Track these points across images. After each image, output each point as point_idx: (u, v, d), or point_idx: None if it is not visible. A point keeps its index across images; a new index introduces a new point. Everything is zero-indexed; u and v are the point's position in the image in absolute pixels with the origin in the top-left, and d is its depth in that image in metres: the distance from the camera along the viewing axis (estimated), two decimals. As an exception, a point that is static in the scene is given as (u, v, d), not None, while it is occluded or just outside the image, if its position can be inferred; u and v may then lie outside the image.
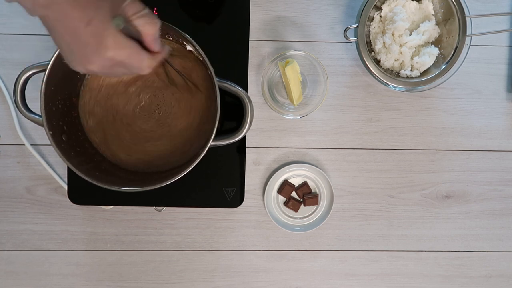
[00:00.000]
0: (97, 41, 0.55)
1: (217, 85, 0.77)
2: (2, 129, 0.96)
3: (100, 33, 0.55)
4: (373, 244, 0.99)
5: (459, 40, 0.89)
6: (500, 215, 0.99)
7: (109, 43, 0.56)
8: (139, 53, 0.59)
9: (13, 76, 0.80)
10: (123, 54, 0.57)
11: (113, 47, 0.56)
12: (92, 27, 0.54)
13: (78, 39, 0.55)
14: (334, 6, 0.96)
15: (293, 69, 0.89)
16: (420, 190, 0.98)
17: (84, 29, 0.54)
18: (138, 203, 0.95)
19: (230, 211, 0.97)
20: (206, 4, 0.93)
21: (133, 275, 0.98)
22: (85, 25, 0.54)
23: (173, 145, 0.87)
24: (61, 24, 0.55)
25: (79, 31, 0.54)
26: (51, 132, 0.77)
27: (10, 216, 0.96)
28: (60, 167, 0.96)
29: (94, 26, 0.55)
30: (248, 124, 0.80)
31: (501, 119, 0.98)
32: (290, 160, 0.97)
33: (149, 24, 0.59)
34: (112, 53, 0.56)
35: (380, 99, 0.97)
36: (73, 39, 0.55)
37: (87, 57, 0.56)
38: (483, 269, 1.00)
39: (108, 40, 0.55)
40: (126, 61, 0.58)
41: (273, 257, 0.98)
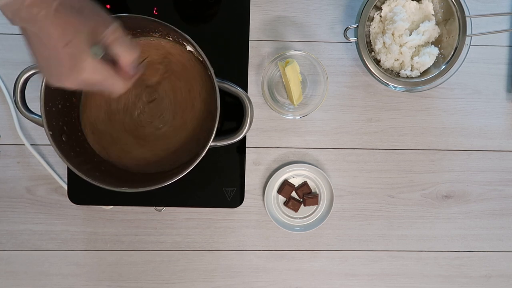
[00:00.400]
0: (73, 63, 0.56)
1: (217, 85, 0.77)
2: (2, 129, 0.96)
3: (77, 56, 0.56)
4: (373, 244, 0.99)
5: (459, 40, 0.89)
6: (500, 215, 0.99)
7: (84, 67, 0.56)
8: (112, 79, 0.60)
9: (13, 76, 0.80)
10: (96, 78, 0.58)
11: (87, 71, 0.57)
12: (70, 48, 0.55)
13: (55, 57, 0.55)
14: (334, 6, 0.96)
15: (293, 69, 0.89)
16: (420, 190, 0.98)
17: (62, 49, 0.55)
18: (138, 203, 0.95)
19: (230, 211, 0.97)
20: (206, 4, 0.93)
21: (133, 275, 0.98)
22: (63, 45, 0.54)
23: (173, 145, 0.87)
24: (39, 39, 0.55)
25: (56, 49, 0.55)
26: (51, 132, 0.77)
27: (10, 216, 0.96)
28: (60, 167, 0.96)
29: (72, 48, 0.55)
30: (248, 124, 0.80)
31: (501, 119, 0.98)
32: (290, 160, 0.97)
33: (128, 52, 0.60)
34: (86, 76, 0.57)
35: (380, 99, 0.97)
36: (50, 55, 0.56)
37: (62, 75, 0.57)
38: (483, 269, 1.00)
39: (84, 64, 0.56)
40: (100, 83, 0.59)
41: (273, 257, 0.98)
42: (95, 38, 0.57)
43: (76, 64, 0.56)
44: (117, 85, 0.61)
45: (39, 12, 0.52)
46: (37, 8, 0.52)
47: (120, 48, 0.59)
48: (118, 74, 0.61)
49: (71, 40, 0.55)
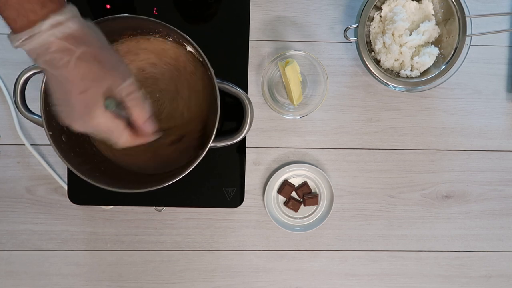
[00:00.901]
0: (85, 111, 0.57)
1: (217, 86, 0.77)
2: (2, 129, 0.96)
3: (91, 105, 0.57)
4: (373, 244, 0.99)
5: (459, 40, 0.88)
6: (500, 215, 0.99)
7: (95, 116, 0.58)
8: (120, 131, 0.61)
9: (13, 76, 0.80)
10: (105, 128, 0.60)
11: (97, 121, 0.58)
12: (85, 96, 0.57)
13: (69, 101, 0.57)
14: (334, 6, 0.96)
15: (293, 69, 0.89)
16: (420, 190, 0.98)
17: (77, 95, 0.56)
18: (138, 203, 0.95)
19: (230, 211, 0.97)
20: (206, 4, 0.93)
21: (133, 275, 0.98)
22: (79, 93, 0.56)
23: (173, 146, 0.87)
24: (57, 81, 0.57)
25: (72, 94, 0.57)
26: (51, 132, 0.77)
27: (10, 216, 0.97)
28: (60, 167, 0.96)
29: (87, 96, 0.57)
30: (248, 125, 0.80)
31: (501, 119, 0.98)
32: (290, 160, 0.97)
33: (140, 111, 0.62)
34: (94, 124, 0.59)
35: (380, 99, 0.97)
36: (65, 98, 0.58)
37: (73, 118, 0.59)
38: (483, 269, 1.00)
39: (96, 113, 0.58)
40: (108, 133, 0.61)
41: (273, 257, 0.98)
42: (111, 92, 0.58)
43: (88, 113, 0.57)
44: (122, 139, 0.62)
45: (62, 58, 0.54)
46: (60, 55, 0.54)
47: (133, 103, 0.61)
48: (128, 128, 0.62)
49: (87, 90, 0.56)
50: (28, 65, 0.79)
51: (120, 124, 0.61)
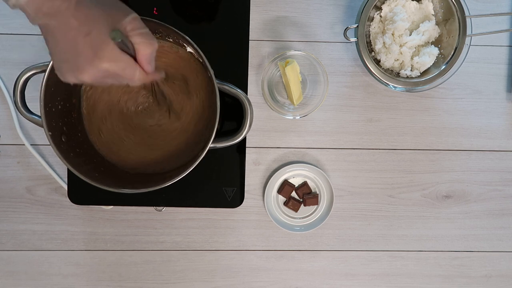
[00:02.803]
0: (93, 52, 0.57)
1: (217, 87, 0.77)
2: (2, 129, 0.96)
3: (97, 45, 0.56)
4: (373, 244, 0.99)
5: (459, 40, 0.88)
6: (500, 215, 0.99)
7: (104, 55, 0.57)
8: (132, 67, 0.60)
9: (13, 76, 0.80)
10: (116, 67, 0.59)
11: (108, 59, 0.57)
12: (90, 38, 0.56)
13: (75, 48, 0.56)
14: (334, 6, 0.96)
15: (293, 69, 0.89)
16: (420, 190, 0.98)
17: (83, 39, 0.56)
18: (138, 203, 0.95)
19: (230, 211, 0.97)
20: (206, 4, 0.93)
21: (133, 275, 0.98)
22: (83, 36, 0.56)
23: (173, 146, 0.87)
24: (60, 32, 0.56)
25: (77, 40, 0.56)
26: (51, 133, 0.77)
27: (10, 216, 0.97)
28: (60, 167, 0.96)
29: (92, 38, 0.56)
30: (248, 126, 0.80)
31: (501, 119, 0.98)
32: (290, 160, 0.97)
33: (146, 44, 0.61)
34: (106, 65, 0.57)
35: (380, 99, 0.97)
36: (70, 48, 0.57)
37: (81, 67, 0.57)
38: (483, 269, 1.00)
39: (104, 52, 0.57)
40: (119, 73, 0.59)
41: (273, 257, 0.98)
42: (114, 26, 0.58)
43: (97, 53, 0.56)
44: (136, 75, 0.61)
45: (61, 4, 0.54)
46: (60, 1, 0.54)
47: (139, 38, 0.60)
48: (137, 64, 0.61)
49: (91, 30, 0.56)
50: (28, 65, 0.79)
51: (131, 59, 0.60)
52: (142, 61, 0.62)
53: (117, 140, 0.87)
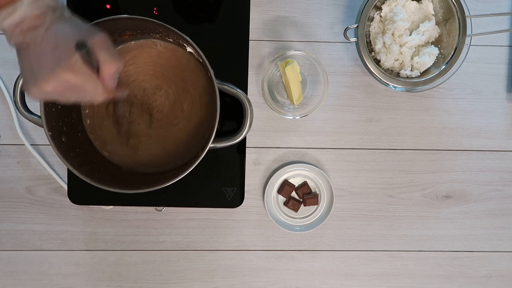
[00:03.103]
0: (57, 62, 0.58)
1: (217, 87, 0.77)
2: (2, 129, 0.96)
3: (62, 57, 0.59)
4: (373, 244, 0.99)
5: (459, 40, 0.88)
6: (500, 215, 0.99)
7: (67, 65, 0.58)
8: (94, 81, 0.62)
9: (13, 76, 0.80)
10: (77, 78, 0.60)
11: (70, 70, 0.59)
12: (57, 51, 0.59)
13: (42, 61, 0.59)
14: (334, 6, 0.96)
15: (293, 69, 0.89)
16: (420, 190, 0.98)
17: (50, 52, 0.59)
18: (138, 203, 0.95)
19: (230, 211, 0.97)
20: (206, 4, 0.93)
21: (133, 275, 0.98)
22: (51, 49, 0.59)
23: (173, 146, 0.87)
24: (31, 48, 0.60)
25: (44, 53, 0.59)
26: (51, 133, 0.77)
27: (10, 216, 0.97)
28: (60, 167, 0.96)
29: (58, 51, 0.59)
30: (248, 126, 0.80)
31: (501, 119, 0.98)
32: (290, 160, 0.97)
33: (110, 61, 0.62)
34: (68, 75, 0.59)
35: (380, 99, 0.97)
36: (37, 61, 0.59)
37: (44, 77, 0.59)
38: (483, 269, 1.00)
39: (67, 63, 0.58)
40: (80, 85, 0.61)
41: (273, 257, 0.98)
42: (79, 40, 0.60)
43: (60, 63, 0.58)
44: (98, 90, 0.63)
45: (39, 24, 0.59)
46: (38, 21, 0.59)
47: (103, 55, 0.61)
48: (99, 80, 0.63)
49: (59, 44, 0.59)
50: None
51: (93, 74, 0.61)
52: (104, 76, 0.63)
53: (117, 140, 0.87)
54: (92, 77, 0.61)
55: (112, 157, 0.88)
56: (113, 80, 0.64)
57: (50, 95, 0.61)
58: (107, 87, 0.64)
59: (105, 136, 0.87)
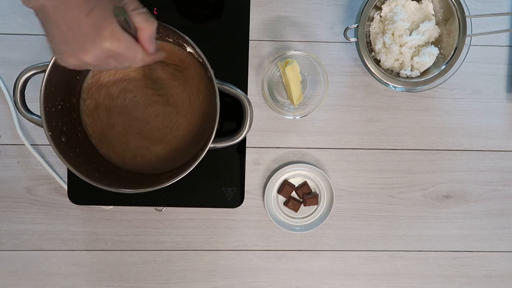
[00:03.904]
0: (96, 31, 0.56)
1: (217, 87, 0.77)
2: (2, 129, 0.96)
3: (99, 24, 0.55)
4: (373, 244, 0.99)
5: (459, 40, 0.88)
6: (500, 215, 0.99)
7: (107, 34, 0.56)
8: (134, 46, 0.60)
9: (13, 76, 0.80)
10: (119, 46, 0.58)
11: (110, 38, 0.56)
12: (92, 17, 0.55)
13: (76, 29, 0.55)
14: (334, 6, 0.96)
15: (293, 69, 0.89)
16: (420, 190, 0.98)
17: (84, 18, 0.55)
18: (138, 203, 0.95)
19: (230, 211, 0.97)
20: (206, 4, 0.93)
21: (133, 275, 0.98)
22: (85, 15, 0.55)
23: (173, 146, 0.87)
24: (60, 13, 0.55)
25: (78, 20, 0.55)
26: (51, 133, 0.77)
27: (10, 216, 0.97)
28: (60, 167, 0.96)
29: (94, 17, 0.55)
30: (248, 126, 0.80)
31: (501, 119, 0.98)
32: (290, 160, 0.97)
33: (147, 22, 0.60)
34: (109, 43, 0.57)
35: (380, 99, 0.97)
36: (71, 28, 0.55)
37: (83, 47, 0.56)
38: (483, 269, 1.00)
39: (107, 31, 0.56)
40: (122, 52, 0.59)
41: (273, 257, 0.98)
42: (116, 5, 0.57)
43: (99, 32, 0.56)
44: (138, 54, 0.61)
45: None
46: None
47: (139, 17, 0.59)
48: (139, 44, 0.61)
49: (93, 9, 0.55)
50: (28, 65, 0.79)
51: (133, 38, 0.60)
52: (144, 39, 0.61)
53: (116, 140, 0.87)
54: (132, 42, 0.59)
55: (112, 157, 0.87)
56: (153, 41, 0.63)
57: (89, 64, 0.58)
58: (148, 51, 0.63)
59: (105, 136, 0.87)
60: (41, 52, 0.94)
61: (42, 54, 0.94)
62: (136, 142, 0.87)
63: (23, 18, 0.94)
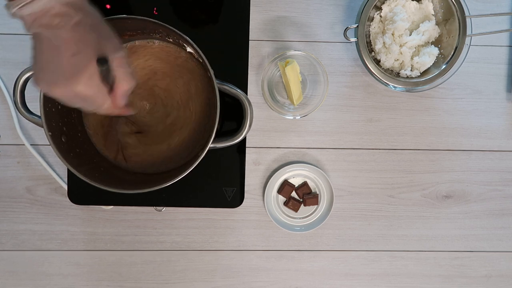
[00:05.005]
0: (74, 72, 0.58)
1: (217, 87, 0.77)
2: (2, 129, 0.96)
3: (80, 68, 0.58)
4: (373, 244, 0.99)
5: (459, 40, 0.88)
6: (500, 215, 0.99)
7: (83, 78, 0.58)
8: (104, 96, 0.62)
9: (13, 76, 0.80)
10: (90, 92, 0.60)
11: (84, 84, 0.59)
12: (76, 59, 0.58)
13: (58, 63, 0.58)
14: (334, 6, 0.96)
15: (293, 69, 0.89)
16: (420, 190, 0.98)
17: (68, 57, 0.57)
18: (138, 203, 0.95)
19: (230, 211, 0.97)
20: (206, 4, 0.93)
21: (133, 275, 0.98)
22: (71, 54, 0.57)
23: (173, 146, 0.87)
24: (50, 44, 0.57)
25: (63, 56, 0.57)
26: (51, 133, 0.77)
27: (10, 216, 0.97)
28: (60, 167, 0.96)
29: (78, 59, 0.58)
30: (248, 126, 0.80)
31: (501, 119, 0.98)
32: (290, 160, 0.97)
33: (125, 81, 0.63)
34: (81, 87, 0.59)
35: (380, 99, 0.97)
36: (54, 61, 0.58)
37: (57, 81, 0.58)
38: (483, 269, 1.00)
39: (84, 76, 0.58)
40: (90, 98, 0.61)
41: (273, 257, 0.98)
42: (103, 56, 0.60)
43: (76, 74, 0.58)
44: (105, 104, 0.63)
45: (60, 22, 0.56)
46: (59, 19, 0.56)
47: (121, 73, 0.62)
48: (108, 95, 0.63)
49: (80, 52, 0.58)
50: (28, 65, 0.79)
51: (105, 89, 0.62)
52: (117, 93, 0.64)
53: (117, 139, 0.87)
54: (103, 92, 0.62)
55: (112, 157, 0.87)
56: (124, 98, 0.65)
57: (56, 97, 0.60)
58: (117, 104, 0.65)
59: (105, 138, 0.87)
60: (41, 52, 0.94)
61: (42, 54, 0.94)
62: (136, 142, 0.87)
63: (23, 18, 0.94)
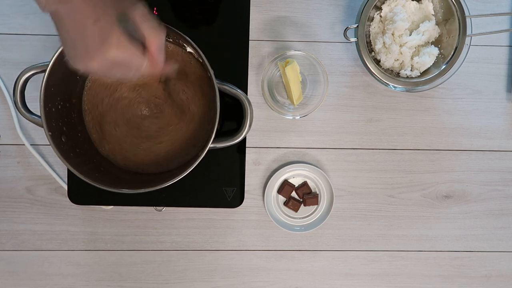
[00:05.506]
0: (102, 39, 0.56)
1: (217, 87, 0.77)
2: (2, 129, 0.96)
3: (106, 32, 0.56)
4: (373, 244, 0.99)
5: (459, 40, 0.88)
6: (500, 215, 0.99)
7: (113, 42, 0.57)
8: (140, 56, 0.60)
9: (13, 76, 0.80)
10: (124, 55, 0.58)
11: (116, 47, 0.57)
12: (99, 25, 0.56)
13: (84, 35, 0.56)
14: (334, 6, 0.96)
15: (293, 69, 0.89)
16: (420, 190, 0.98)
17: (91, 26, 0.55)
18: (138, 203, 0.95)
19: (230, 211, 0.97)
20: (206, 4, 0.93)
21: (133, 275, 0.98)
22: (92, 23, 0.55)
23: (173, 146, 0.87)
24: (70, 19, 0.56)
25: (86, 27, 0.56)
26: (51, 133, 0.77)
27: (10, 216, 0.97)
28: (60, 167, 0.96)
29: (101, 25, 0.56)
30: (248, 126, 0.80)
31: (501, 119, 0.98)
32: (290, 160, 0.97)
33: (153, 32, 0.61)
34: (114, 52, 0.57)
35: (380, 99, 0.97)
36: (79, 35, 0.56)
37: (90, 54, 0.57)
38: (483, 269, 1.00)
39: (112, 39, 0.57)
40: (126, 61, 0.59)
41: (273, 257, 0.98)
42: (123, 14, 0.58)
43: (105, 40, 0.56)
44: (144, 64, 0.61)
45: None
46: None
47: (147, 29, 0.60)
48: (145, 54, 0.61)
49: (101, 17, 0.56)
50: (28, 65, 0.79)
51: (138, 48, 0.60)
52: (152, 50, 0.61)
53: (117, 140, 0.87)
54: (137, 52, 0.60)
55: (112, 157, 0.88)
56: (160, 53, 0.63)
57: (95, 71, 0.59)
58: (155, 61, 0.63)
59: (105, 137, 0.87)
60: (41, 52, 0.94)
61: (42, 54, 0.94)
62: (136, 142, 0.87)
63: (23, 18, 0.94)
